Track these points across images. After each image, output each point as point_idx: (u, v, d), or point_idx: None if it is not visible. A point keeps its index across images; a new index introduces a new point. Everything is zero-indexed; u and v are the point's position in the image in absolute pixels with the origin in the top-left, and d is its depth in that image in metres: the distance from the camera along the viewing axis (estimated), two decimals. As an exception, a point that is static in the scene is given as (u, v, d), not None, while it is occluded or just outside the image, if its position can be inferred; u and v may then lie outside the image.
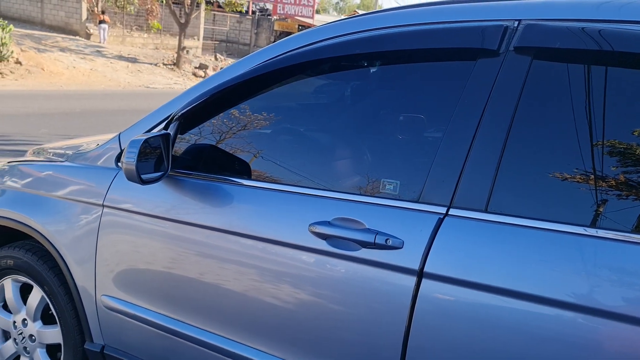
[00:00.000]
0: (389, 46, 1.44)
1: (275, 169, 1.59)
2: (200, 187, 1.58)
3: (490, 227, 1.15)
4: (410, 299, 1.19)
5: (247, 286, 1.45)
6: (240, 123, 1.66)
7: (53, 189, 1.90)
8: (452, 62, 1.39)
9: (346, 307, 1.29)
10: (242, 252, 1.45)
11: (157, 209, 1.62)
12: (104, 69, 16.21)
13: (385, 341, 1.23)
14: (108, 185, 1.74)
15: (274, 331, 1.42)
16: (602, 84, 1.15)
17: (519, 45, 1.23)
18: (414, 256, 1.19)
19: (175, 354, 1.63)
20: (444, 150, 1.25)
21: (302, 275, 1.36)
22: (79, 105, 10.17)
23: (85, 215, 1.78)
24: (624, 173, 1.09)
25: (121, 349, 1.77)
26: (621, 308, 1.00)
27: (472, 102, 1.24)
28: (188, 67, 19.15)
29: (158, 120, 1.73)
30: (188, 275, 1.56)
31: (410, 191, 1.30)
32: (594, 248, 1.05)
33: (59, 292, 1.86)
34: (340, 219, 1.31)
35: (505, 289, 1.10)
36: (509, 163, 1.18)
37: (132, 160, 1.48)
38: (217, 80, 1.62)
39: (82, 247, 1.77)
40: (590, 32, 1.17)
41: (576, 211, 1.12)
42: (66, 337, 1.89)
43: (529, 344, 1.07)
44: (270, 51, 1.60)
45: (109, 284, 1.73)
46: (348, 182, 1.46)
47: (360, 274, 1.27)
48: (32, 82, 13.05)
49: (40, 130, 7.34)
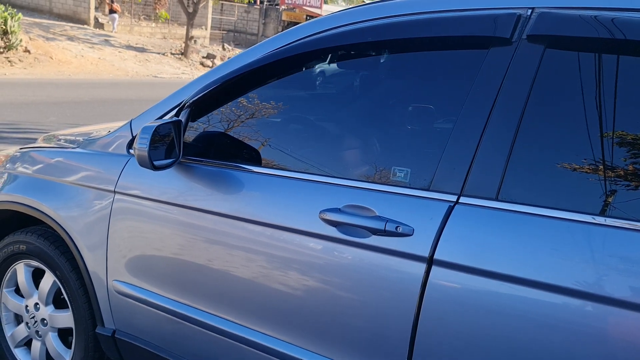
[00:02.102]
0: (399, 35, 1.43)
1: (285, 157, 1.59)
2: (211, 173, 1.59)
3: (501, 215, 1.15)
4: (420, 286, 1.20)
5: (256, 272, 1.46)
6: (250, 111, 1.66)
7: (65, 175, 1.91)
8: (463, 51, 1.39)
9: (355, 294, 1.30)
10: (252, 238, 1.47)
11: (168, 196, 1.63)
12: (112, 58, 16.23)
13: (394, 328, 1.24)
14: (119, 172, 1.75)
15: (283, 316, 1.43)
16: (615, 73, 1.15)
17: (532, 33, 1.22)
18: (424, 244, 1.20)
19: (185, 339, 1.65)
20: (455, 139, 1.25)
21: (311, 261, 1.37)
22: (87, 94, 10.21)
23: (96, 201, 1.79)
24: (633, 163, 1.09)
25: (132, 334, 1.79)
26: (629, 296, 1.00)
27: (484, 90, 1.24)
28: (196, 56, 19.14)
29: (169, 108, 1.74)
30: (198, 261, 1.57)
31: (421, 179, 1.30)
32: (602, 236, 1.05)
33: (71, 277, 1.88)
34: (351, 206, 1.31)
35: (514, 277, 1.10)
36: (520, 152, 1.17)
37: (144, 147, 1.49)
38: (227, 69, 1.62)
39: (93, 232, 1.79)
40: (603, 20, 1.16)
41: (586, 200, 1.12)
42: (78, 321, 1.91)
43: (537, 331, 1.07)
44: (280, 39, 1.60)
45: (120, 269, 1.75)
46: (358, 170, 1.46)
47: (370, 261, 1.27)
48: (41, 70, 13.10)
49: (49, 118, 7.39)
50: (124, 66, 15.68)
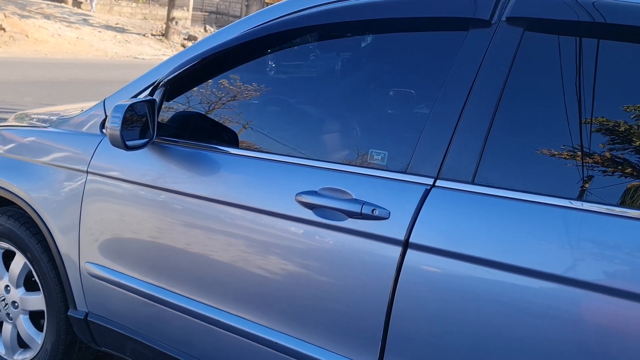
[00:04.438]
0: (376, 14, 1.41)
1: (262, 138, 1.57)
2: (187, 154, 1.55)
3: (477, 198, 1.15)
4: (395, 270, 1.19)
5: (233, 255, 1.44)
6: (227, 91, 1.63)
7: (36, 155, 1.86)
8: (442, 32, 1.37)
9: (332, 277, 1.29)
10: (228, 221, 1.44)
11: (142, 177, 1.60)
12: (91, 38, 15.88)
13: (369, 310, 1.24)
14: (92, 152, 1.71)
15: (260, 300, 1.41)
16: (595, 57, 1.14)
17: (512, 15, 1.21)
18: (400, 227, 1.19)
19: (160, 322, 1.63)
20: (432, 121, 1.24)
21: (288, 244, 1.35)
22: (65, 75, 9.98)
23: (69, 182, 1.75)
24: (610, 149, 1.09)
25: (105, 317, 1.76)
26: (604, 280, 1.01)
27: (462, 72, 1.23)
28: (177, 38, 18.82)
29: (144, 86, 1.70)
30: (173, 243, 1.55)
31: (398, 162, 1.29)
32: (579, 221, 1.05)
33: (42, 259, 1.84)
34: (327, 188, 1.30)
35: (489, 260, 1.10)
36: (497, 135, 1.17)
37: (116, 126, 1.45)
38: (203, 47, 1.58)
39: (65, 213, 1.75)
40: (583, 3, 1.15)
41: (563, 184, 1.12)
42: (49, 304, 1.88)
43: (512, 315, 1.08)
44: (260, 16, 1.56)
45: (93, 251, 1.72)
46: (336, 153, 1.45)
47: (346, 244, 1.26)
48: (16, 49, 12.76)
49: (25, 98, 7.21)
50: (103, 46, 15.36)
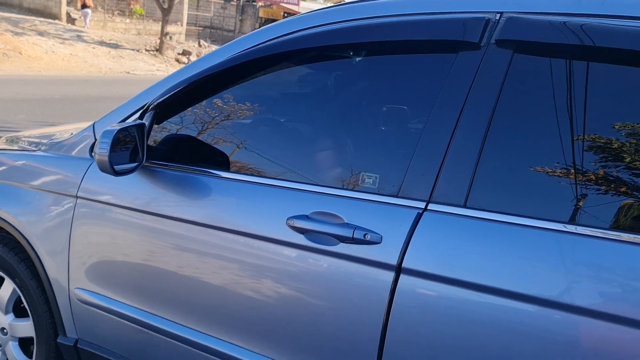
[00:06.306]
0: (370, 37, 1.41)
1: (253, 161, 1.56)
2: (177, 178, 1.54)
3: (469, 222, 1.14)
4: (389, 294, 1.18)
5: (224, 280, 1.42)
6: (217, 113, 1.62)
7: (25, 179, 1.84)
8: (433, 55, 1.37)
9: (324, 302, 1.28)
10: (219, 245, 1.43)
11: (132, 201, 1.58)
12: (85, 54, 15.88)
13: (364, 336, 1.22)
14: (82, 176, 1.69)
15: (251, 326, 1.39)
16: (584, 79, 1.14)
17: (501, 38, 1.21)
18: (392, 251, 1.18)
19: (151, 348, 1.60)
20: (423, 145, 1.23)
21: (280, 269, 1.33)
22: (59, 91, 9.97)
23: (58, 207, 1.73)
24: (603, 169, 1.09)
25: (95, 343, 1.73)
26: (598, 305, 0.99)
27: (452, 95, 1.22)
28: (171, 53, 18.86)
29: (133, 110, 1.69)
30: (163, 268, 1.53)
31: (390, 185, 1.28)
32: (572, 245, 1.04)
33: (31, 285, 1.81)
34: (319, 212, 1.28)
35: (482, 285, 1.09)
36: (489, 158, 1.16)
37: (104, 151, 1.43)
38: (193, 70, 1.57)
39: (55, 238, 1.73)
40: (572, 26, 1.15)
41: (555, 207, 1.11)
42: (39, 330, 1.85)
43: (506, 340, 1.06)
44: (249, 40, 1.56)
45: (82, 276, 1.69)
46: (327, 176, 1.44)
47: (338, 269, 1.25)
48: (10, 66, 12.74)
49: (18, 116, 7.18)
50: (97, 62, 15.37)
